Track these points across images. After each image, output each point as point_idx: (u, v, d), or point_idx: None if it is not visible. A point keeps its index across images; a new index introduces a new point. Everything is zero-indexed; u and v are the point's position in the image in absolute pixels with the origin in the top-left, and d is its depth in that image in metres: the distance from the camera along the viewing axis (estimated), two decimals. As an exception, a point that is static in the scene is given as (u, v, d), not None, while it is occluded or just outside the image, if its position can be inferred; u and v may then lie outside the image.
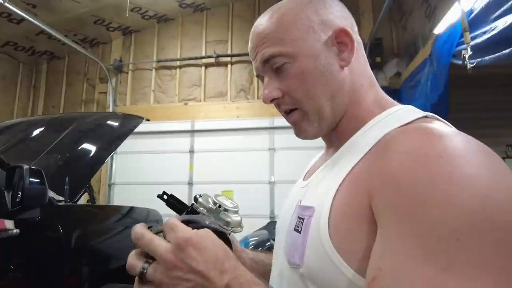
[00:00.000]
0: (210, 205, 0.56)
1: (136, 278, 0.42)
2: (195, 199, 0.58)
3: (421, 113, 0.49)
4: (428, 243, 0.33)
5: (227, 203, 0.56)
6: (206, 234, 0.42)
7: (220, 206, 0.55)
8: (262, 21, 0.55)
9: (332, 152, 0.57)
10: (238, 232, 0.57)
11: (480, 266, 0.30)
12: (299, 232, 0.48)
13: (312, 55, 0.52)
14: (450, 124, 0.48)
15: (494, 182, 0.34)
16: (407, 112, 0.50)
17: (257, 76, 0.59)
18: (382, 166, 0.41)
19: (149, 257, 0.42)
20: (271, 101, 0.56)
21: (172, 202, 0.59)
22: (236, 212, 0.57)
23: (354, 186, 0.44)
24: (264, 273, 0.63)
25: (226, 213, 0.55)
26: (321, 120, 0.54)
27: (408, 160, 0.38)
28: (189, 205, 0.59)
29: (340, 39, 0.53)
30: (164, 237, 0.43)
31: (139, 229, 0.43)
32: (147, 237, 0.42)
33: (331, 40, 0.53)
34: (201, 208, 0.56)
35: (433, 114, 0.50)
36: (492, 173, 0.35)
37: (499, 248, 0.31)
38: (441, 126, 0.43)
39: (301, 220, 0.49)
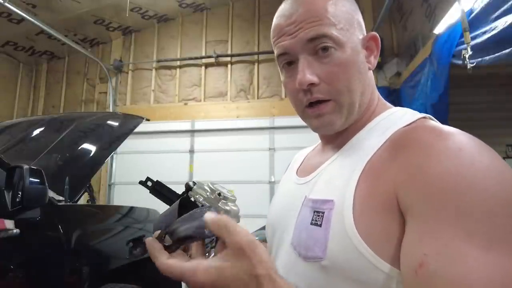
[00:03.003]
0: (208, 193, 0.51)
1: None
2: (188, 187, 0.52)
3: (420, 114, 0.53)
4: (467, 227, 0.35)
5: (225, 191, 0.53)
6: (226, 268, 0.37)
7: (220, 194, 0.51)
8: None
9: (334, 147, 0.58)
10: (237, 222, 0.51)
11: None
12: (319, 225, 0.48)
13: (355, 49, 0.54)
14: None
15: (505, 169, 0.39)
16: (407, 113, 0.54)
17: (281, 55, 0.55)
18: (407, 160, 0.43)
19: None
20: (308, 85, 0.51)
21: (158, 190, 0.51)
22: (234, 201, 0.54)
23: (375, 178, 0.46)
24: None
25: (225, 201, 0.52)
26: (350, 114, 0.54)
27: (433, 153, 0.41)
28: (179, 193, 0.52)
29: (369, 44, 0.56)
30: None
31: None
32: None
33: (363, 42, 0.56)
34: (197, 196, 0.51)
35: (429, 115, 0.53)
36: (501, 162, 0.40)
37: None
38: (442, 125, 0.47)
39: (320, 214, 0.49)
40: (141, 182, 0.51)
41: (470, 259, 0.34)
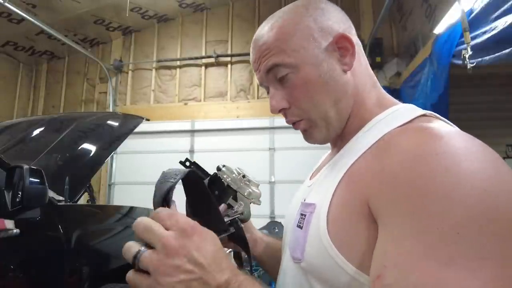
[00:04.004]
0: (234, 174, 0.59)
1: (132, 270, 0.38)
2: (218, 168, 0.60)
3: (420, 112, 0.50)
4: (429, 238, 0.33)
5: (250, 176, 0.60)
6: (207, 230, 0.41)
7: (244, 176, 0.59)
8: (263, 33, 0.56)
9: (336, 150, 0.60)
10: (257, 204, 0.60)
11: (480, 258, 0.31)
12: (301, 228, 0.49)
13: (314, 63, 0.53)
14: (450, 122, 0.49)
15: (490, 176, 0.35)
16: (406, 111, 0.51)
17: (261, 85, 0.60)
18: (381, 165, 0.42)
19: (148, 245, 0.38)
20: (279, 111, 0.57)
21: (195, 169, 0.58)
22: (258, 185, 0.60)
23: (352, 183, 0.46)
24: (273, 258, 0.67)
25: (248, 183, 0.59)
26: (328, 125, 0.56)
27: (406, 158, 0.39)
28: (210, 173, 0.60)
29: (341, 44, 0.54)
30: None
31: (139, 218, 0.40)
32: (145, 222, 0.38)
33: (332, 46, 0.54)
34: (225, 176, 0.58)
35: (432, 112, 0.50)
36: (489, 168, 0.35)
37: (497, 240, 0.31)
38: (440, 124, 0.45)
39: (303, 217, 0.50)
40: (180, 162, 0.59)
41: (426, 275, 0.32)
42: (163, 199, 0.41)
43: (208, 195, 0.48)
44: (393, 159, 0.40)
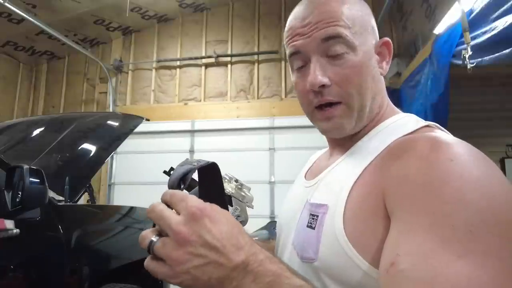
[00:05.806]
0: (226, 179, 0.58)
1: (149, 257, 0.38)
2: None
3: (424, 122, 0.53)
4: (444, 233, 0.36)
5: (241, 180, 0.60)
6: (219, 208, 0.40)
7: (236, 180, 0.59)
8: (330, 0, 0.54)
9: (340, 151, 0.59)
10: (251, 208, 0.61)
11: (489, 254, 0.34)
12: (313, 228, 0.50)
13: (368, 53, 0.54)
14: (449, 133, 0.52)
15: (496, 183, 0.39)
16: (411, 121, 0.54)
17: (293, 54, 0.55)
18: (398, 169, 0.44)
19: (161, 232, 0.38)
20: (319, 87, 0.52)
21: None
22: (249, 189, 0.61)
23: (367, 185, 0.47)
24: None
25: (241, 187, 0.59)
26: (360, 118, 0.55)
27: (423, 163, 0.42)
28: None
29: (382, 50, 0.57)
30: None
31: (154, 203, 0.40)
32: (158, 209, 0.38)
33: (376, 48, 0.56)
34: None
35: (434, 123, 0.53)
36: (494, 176, 0.40)
37: (504, 240, 0.35)
38: (444, 135, 0.48)
39: (314, 217, 0.50)
40: (165, 172, 0.59)
41: (439, 264, 0.34)
42: (180, 179, 0.42)
43: (223, 192, 0.48)
44: (410, 165, 0.43)
